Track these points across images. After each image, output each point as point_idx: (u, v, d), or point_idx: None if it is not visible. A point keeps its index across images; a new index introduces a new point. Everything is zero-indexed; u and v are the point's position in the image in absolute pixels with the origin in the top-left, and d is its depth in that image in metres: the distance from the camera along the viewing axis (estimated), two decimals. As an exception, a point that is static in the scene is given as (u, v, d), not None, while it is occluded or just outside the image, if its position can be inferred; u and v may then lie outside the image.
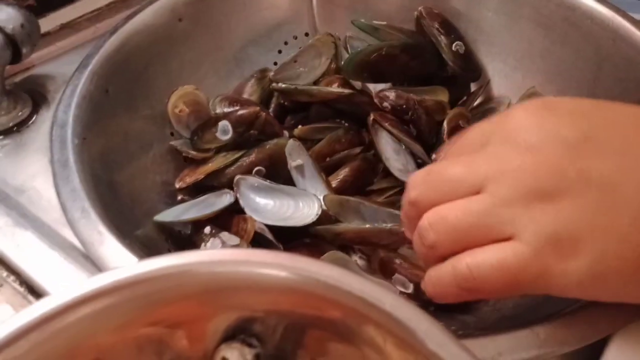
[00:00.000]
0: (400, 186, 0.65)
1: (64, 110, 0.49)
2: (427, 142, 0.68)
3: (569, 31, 0.67)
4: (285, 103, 0.73)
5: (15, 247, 0.44)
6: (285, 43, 0.78)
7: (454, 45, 0.73)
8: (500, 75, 0.75)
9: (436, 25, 0.74)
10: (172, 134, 0.64)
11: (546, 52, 0.71)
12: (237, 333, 0.32)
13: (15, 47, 0.53)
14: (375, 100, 0.68)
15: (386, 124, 0.67)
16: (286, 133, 0.68)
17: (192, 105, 0.65)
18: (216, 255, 0.27)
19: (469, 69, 0.74)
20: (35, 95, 0.58)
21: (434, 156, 0.67)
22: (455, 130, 0.68)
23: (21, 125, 0.56)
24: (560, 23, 0.68)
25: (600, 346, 0.37)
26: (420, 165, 0.67)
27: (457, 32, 0.74)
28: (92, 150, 0.48)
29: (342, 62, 0.71)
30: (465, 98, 0.75)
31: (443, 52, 0.72)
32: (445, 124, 0.68)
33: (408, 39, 0.73)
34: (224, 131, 0.63)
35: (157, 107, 0.62)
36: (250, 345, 0.32)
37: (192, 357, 0.31)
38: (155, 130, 0.61)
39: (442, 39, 0.73)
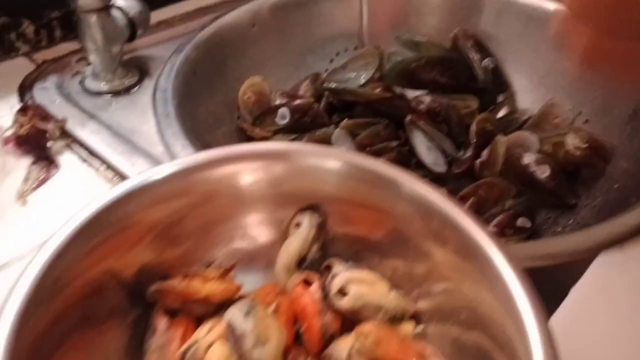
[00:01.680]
0: (430, 176, 0.75)
1: (165, 80, 0.63)
2: (456, 140, 0.78)
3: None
4: (334, 102, 0.84)
5: (130, 166, 0.57)
6: (337, 54, 0.90)
7: (484, 61, 0.83)
8: (525, 90, 0.85)
9: (470, 44, 0.85)
10: (238, 117, 0.76)
11: (566, 71, 0.81)
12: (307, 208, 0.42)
13: (133, 29, 0.68)
14: (412, 104, 0.79)
15: (421, 123, 0.77)
16: (333, 125, 0.79)
17: (258, 94, 0.78)
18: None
19: (497, 83, 0.85)
20: (140, 69, 0.73)
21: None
22: (482, 131, 0.77)
23: (130, 89, 0.70)
24: (579, 46, 0.78)
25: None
26: (450, 162, 0.77)
27: (487, 51, 0.85)
28: (184, 111, 0.61)
29: (386, 69, 0.83)
30: (492, 107, 0.85)
31: (474, 67, 0.83)
32: (474, 124, 0.78)
33: (445, 53, 0.84)
34: (283, 116, 0.75)
35: (230, 93, 0.74)
36: (316, 215, 0.42)
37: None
38: (226, 111, 0.74)
39: (474, 56, 0.84)
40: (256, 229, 0.43)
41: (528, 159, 0.75)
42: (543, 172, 0.74)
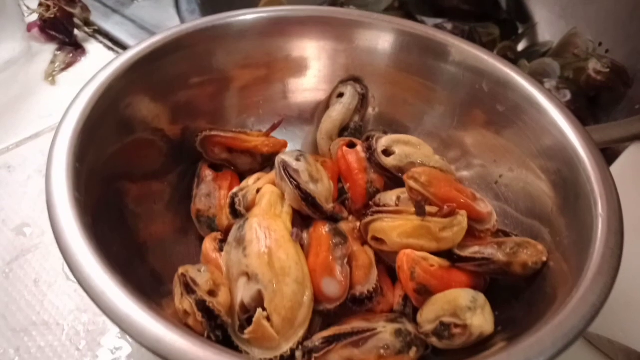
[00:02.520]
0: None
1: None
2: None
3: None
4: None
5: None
6: (357, -20, 0.88)
7: (507, -10, 0.83)
8: (547, 22, 0.85)
9: (493, -27, 0.84)
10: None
11: (589, 1, 0.80)
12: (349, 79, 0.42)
13: None
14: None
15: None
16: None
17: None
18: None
19: (519, 13, 0.84)
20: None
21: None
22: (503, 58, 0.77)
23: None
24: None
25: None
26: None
27: (511, -19, 0.84)
28: (209, 9, 0.60)
29: (408, -5, 0.82)
30: (513, 38, 0.84)
31: (498, -5, 0.82)
32: (495, 52, 0.77)
33: (468, -20, 0.83)
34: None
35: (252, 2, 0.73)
36: (359, 86, 0.42)
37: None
38: None
39: (498, -16, 0.83)
40: (302, 94, 0.43)
41: (549, 84, 0.75)
42: (564, 97, 0.74)
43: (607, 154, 0.49)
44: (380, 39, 0.41)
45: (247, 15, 0.40)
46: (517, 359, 0.23)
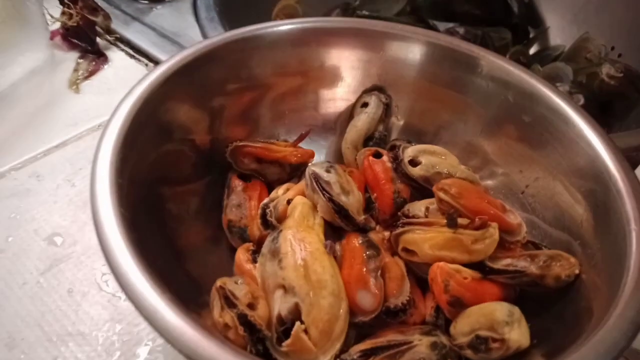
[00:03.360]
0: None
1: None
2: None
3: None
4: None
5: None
6: (369, -17, 0.89)
7: (519, -5, 0.83)
8: (558, 27, 0.85)
9: (505, -22, 0.84)
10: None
11: (601, 8, 0.81)
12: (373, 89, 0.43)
13: None
14: (444, 32, 0.79)
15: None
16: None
17: (289, 17, 0.77)
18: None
19: (531, 17, 0.84)
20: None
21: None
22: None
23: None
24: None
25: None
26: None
27: (523, -15, 0.85)
28: (227, 17, 0.61)
29: (419, 0, 0.82)
30: (525, 42, 0.85)
31: (509, 0, 0.83)
32: (507, 56, 0.78)
33: (480, -15, 0.83)
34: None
35: (268, 11, 0.74)
36: (383, 96, 0.42)
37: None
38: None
39: (510, -11, 0.83)
40: (331, 103, 0.44)
41: (562, 89, 0.75)
42: (577, 102, 0.75)
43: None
44: (408, 50, 0.41)
45: (283, 27, 0.40)
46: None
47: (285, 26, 0.40)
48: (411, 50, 0.41)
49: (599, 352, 0.23)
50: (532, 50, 0.86)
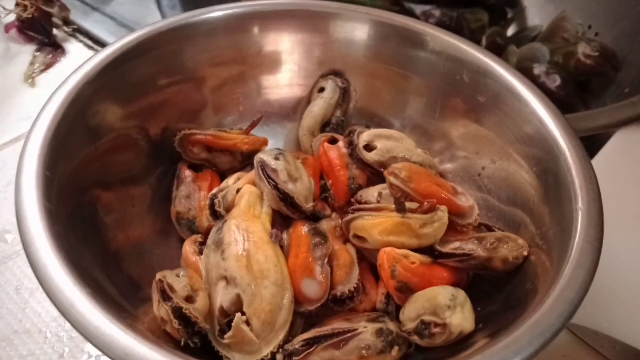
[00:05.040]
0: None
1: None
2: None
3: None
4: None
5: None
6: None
7: (495, -25, 0.82)
8: (536, 6, 0.84)
9: (480, -43, 0.83)
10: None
11: (578, -16, 0.79)
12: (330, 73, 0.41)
13: None
14: (421, 19, 0.77)
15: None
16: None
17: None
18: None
19: (507, -2, 0.83)
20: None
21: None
22: (493, 45, 0.76)
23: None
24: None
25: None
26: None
27: (498, -35, 0.83)
28: (190, 3, 0.59)
29: (395, -17, 0.81)
30: (502, 24, 0.83)
31: (486, -19, 0.81)
32: (484, 38, 0.76)
33: (455, -34, 0.82)
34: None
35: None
36: (340, 80, 0.41)
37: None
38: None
39: (485, -31, 0.82)
40: (279, 90, 0.42)
41: (538, 70, 0.74)
42: (553, 82, 0.73)
43: (594, 141, 0.49)
44: (358, 30, 0.40)
45: (217, 12, 0.39)
46: None
47: (218, 12, 0.39)
48: (358, 30, 0.40)
49: (533, 334, 0.22)
50: (509, 32, 0.85)
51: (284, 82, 0.42)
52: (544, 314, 0.23)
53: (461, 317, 0.27)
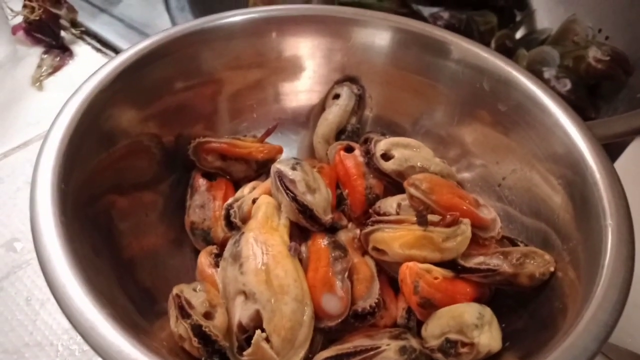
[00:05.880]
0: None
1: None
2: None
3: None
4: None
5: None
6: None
7: (504, -23, 0.81)
8: (545, 9, 0.83)
9: (490, -40, 0.82)
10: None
11: (588, -13, 0.79)
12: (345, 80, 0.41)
13: None
14: (429, 21, 0.77)
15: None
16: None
17: (268, 3, 0.75)
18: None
19: (517, 0, 0.82)
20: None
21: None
22: (502, 47, 0.76)
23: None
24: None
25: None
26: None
27: (508, -33, 0.82)
28: (199, 5, 0.59)
29: (404, -16, 0.80)
30: (511, 26, 0.82)
31: (494, -18, 0.80)
32: (493, 41, 0.76)
33: (464, -32, 0.81)
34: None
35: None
36: (355, 87, 0.40)
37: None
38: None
39: (495, -29, 0.81)
40: (296, 96, 0.42)
41: (548, 74, 0.73)
42: (564, 86, 0.73)
43: (610, 148, 0.48)
44: (377, 36, 0.39)
45: (237, 17, 0.38)
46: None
47: (238, 17, 0.38)
48: (377, 36, 0.39)
49: (567, 358, 0.22)
50: (518, 34, 0.84)
51: (301, 88, 0.42)
52: (579, 337, 0.22)
53: (489, 336, 0.27)
